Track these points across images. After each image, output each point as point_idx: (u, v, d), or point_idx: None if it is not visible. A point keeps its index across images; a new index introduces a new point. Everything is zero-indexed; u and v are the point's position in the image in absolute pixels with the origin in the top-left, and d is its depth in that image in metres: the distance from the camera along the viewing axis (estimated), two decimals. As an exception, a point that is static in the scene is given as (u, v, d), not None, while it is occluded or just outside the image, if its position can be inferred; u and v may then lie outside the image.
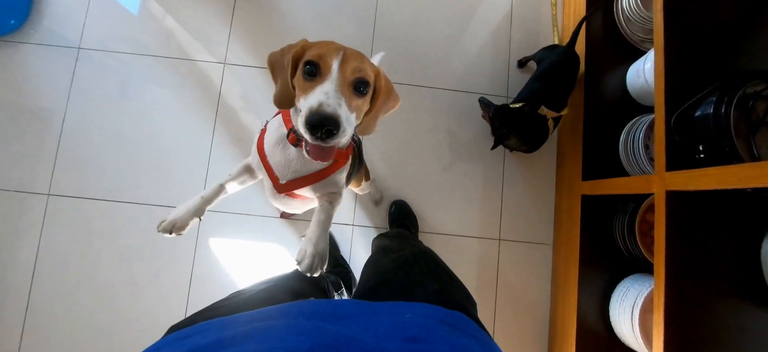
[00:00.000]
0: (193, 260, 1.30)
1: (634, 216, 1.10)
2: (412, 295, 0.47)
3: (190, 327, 0.36)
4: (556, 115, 1.12)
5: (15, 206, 1.30)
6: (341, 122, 0.51)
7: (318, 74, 0.55)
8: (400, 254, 0.62)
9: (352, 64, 0.55)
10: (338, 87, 0.53)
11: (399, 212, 1.28)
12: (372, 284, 0.56)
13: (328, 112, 0.50)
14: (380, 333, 0.32)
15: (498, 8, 1.47)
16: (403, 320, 0.34)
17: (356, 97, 0.56)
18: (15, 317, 1.25)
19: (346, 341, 0.29)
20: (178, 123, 1.36)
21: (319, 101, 0.51)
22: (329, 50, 0.56)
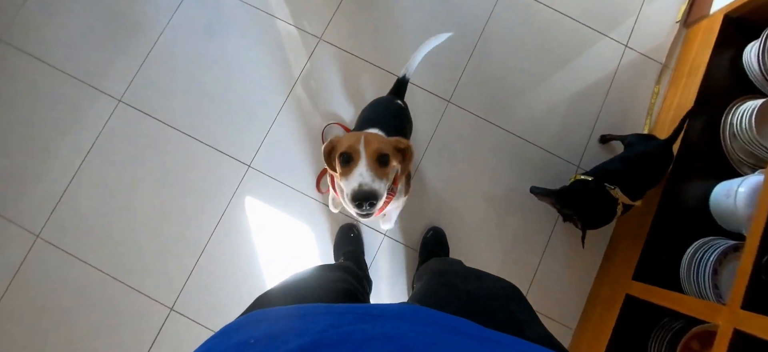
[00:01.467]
0: (225, 209, 1.32)
1: (679, 337, 1.03)
2: (522, 332, 0.41)
3: (240, 317, 0.34)
4: (629, 204, 1.06)
5: (85, 98, 1.37)
6: (378, 194, 0.70)
7: (351, 161, 0.73)
8: (495, 283, 0.55)
9: (373, 146, 0.73)
10: (368, 166, 0.71)
11: (435, 239, 1.25)
12: (462, 307, 0.48)
13: (367, 190, 0.68)
14: None
15: (599, 77, 1.42)
16: None
17: (382, 168, 0.73)
18: (48, 200, 1.31)
19: None
20: (255, 78, 1.40)
21: (359, 183, 0.69)
22: (355, 141, 0.73)
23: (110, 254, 1.28)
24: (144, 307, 1.26)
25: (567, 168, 1.36)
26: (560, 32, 1.44)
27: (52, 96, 1.37)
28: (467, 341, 0.29)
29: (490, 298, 0.49)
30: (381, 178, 0.72)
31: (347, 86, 1.40)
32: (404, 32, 1.43)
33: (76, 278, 1.27)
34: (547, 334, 0.42)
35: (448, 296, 0.53)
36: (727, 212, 1.09)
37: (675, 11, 1.46)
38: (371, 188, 0.68)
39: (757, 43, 1.17)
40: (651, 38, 1.45)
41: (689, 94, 1.25)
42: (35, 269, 1.28)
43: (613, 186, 1.04)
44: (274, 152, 1.36)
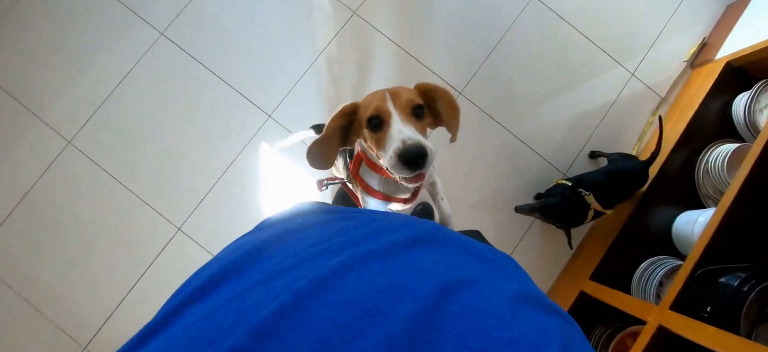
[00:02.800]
0: (239, 152, 1.45)
1: (616, 334, 1.17)
2: None
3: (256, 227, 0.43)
4: (601, 211, 1.19)
5: (128, 25, 1.48)
6: (426, 148, 0.59)
7: (382, 123, 0.63)
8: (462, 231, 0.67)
9: (403, 98, 0.63)
10: (404, 122, 0.61)
11: (424, 214, 1.39)
12: None
13: (413, 145, 0.58)
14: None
15: (601, 98, 1.53)
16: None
17: (419, 121, 0.64)
18: (83, 111, 1.44)
19: None
20: (289, 38, 1.50)
21: (401, 140, 0.59)
22: (380, 98, 0.64)
23: (132, 169, 1.43)
24: (154, 223, 1.41)
25: (554, 174, 1.48)
26: (577, 50, 1.54)
27: (100, 15, 1.49)
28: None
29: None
30: (422, 132, 0.64)
31: (372, 64, 1.52)
32: (436, 22, 1.53)
33: (98, 186, 1.42)
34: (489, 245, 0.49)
35: None
36: (684, 237, 1.22)
37: (685, 52, 1.55)
38: (416, 141, 0.58)
39: (748, 94, 1.28)
40: (657, 72, 1.54)
41: (678, 128, 1.35)
42: (63, 170, 1.43)
43: (588, 193, 1.17)
44: (294, 109, 1.49)
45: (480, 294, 0.26)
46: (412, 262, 0.29)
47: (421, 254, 0.31)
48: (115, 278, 1.40)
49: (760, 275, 0.84)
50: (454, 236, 0.37)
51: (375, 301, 0.23)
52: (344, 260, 0.27)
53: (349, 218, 0.39)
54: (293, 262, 0.28)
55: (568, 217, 1.21)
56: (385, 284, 0.25)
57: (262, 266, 0.28)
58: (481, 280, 0.28)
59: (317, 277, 0.24)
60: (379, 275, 0.26)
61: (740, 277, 0.85)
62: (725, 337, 0.76)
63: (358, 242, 0.30)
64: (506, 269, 0.35)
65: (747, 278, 0.84)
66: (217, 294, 0.26)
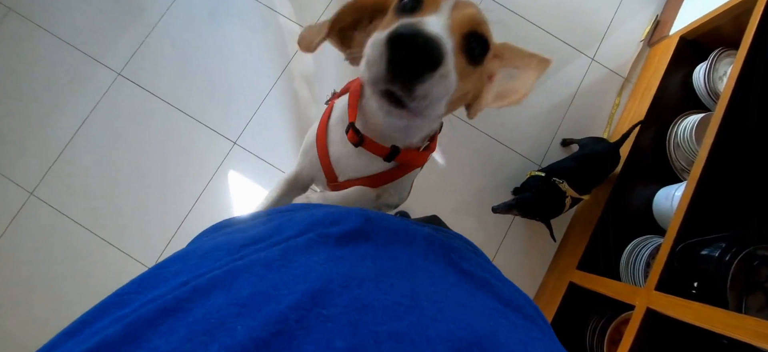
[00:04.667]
0: (208, 182, 1.41)
1: (610, 322, 1.12)
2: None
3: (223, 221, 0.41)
4: (577, 197, 1.16)
5: (85, 69, 1.46)
6: (445, 52, 0.31)
7: (419, 9, 0.38)
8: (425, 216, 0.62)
9: (469, 10, 0.38)
10: (447, 28, 0.35)
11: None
12: None
13: (427, 32, 0.30)
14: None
15: (566, 86, 1.53)
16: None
17: (465, 61, 0.38)
18: (45, 158, 1.39)
19: None
20: (247, 64, 1.50)
21: (416, 20, 0.33)
22: None
23: (94, 209, 1.37)
24: (124, 265, 1.34)
25: (529, 166, 1.46)
26: (534, 43, 1.55)
27: (55, 65, 1.47)
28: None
29: (415, 223, 0.55)
30: (456, 72, 0.35)
31: (332, 80, 1.50)
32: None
33: (64, 234, 1.35)
34: (453, 233, 0.44)
35: None
36: (665, 213, 1.19)
37: (640, 31, 1.58)
38: (437, 34, 0.31)
39: (705, 64, 1.29)
40: (617, 55, 1.56)
41: (644, 106, 1.35)
42: (28, 223, 1.36)
43: (562, 180, 1.15)
44: (259, 132, 1.45)
45: (372, 291, 0.22)
46: (305, 263, 0.25)
47: (324, 254, 0.26)
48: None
49: (740, 243, 0.81)
50: (388, 226, 0.33)
51: (222, 317, 0.19)
52: (212, 276, 0.23)
53: (274, 218, 0.35)
54: (168, 283, 0.24)
55: (546, 208, 1.18)
56: (250, 293, 0.21)
57: (147, 293, 0.25)
58: (385, 274, 0.24)
59: (167, 301, 0.21)
60: (250, 285, 0.22)
61: (721, 247, 0.82)
62: (714, 312, 0.72)
63: (249, 247, 0.27)
64: (428, 254, 0.31)
65: (727, 247, 0.81)
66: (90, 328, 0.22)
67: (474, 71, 0.40)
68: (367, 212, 0.33)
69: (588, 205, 1.29)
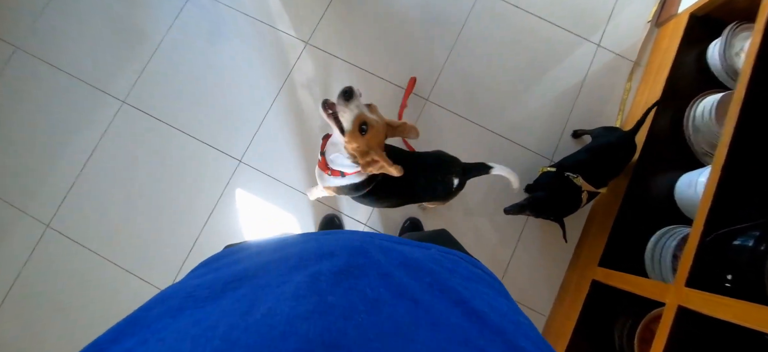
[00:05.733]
0: (216, 201, 1.41)
1: (639, 320, 1.06)
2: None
3: (221, 251, 0.40)
4: (594, 191, 1.12)
5: (90, 99, 1.48)
6: (355, 95, 0.78)
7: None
8: (430, 232, 0.62)
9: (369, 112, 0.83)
10: (357, 108, 0.80)
11: (412, 228, 1.32)
12: None
13: (353, 87, 0.79)
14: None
15: (572, 75, 1.48)
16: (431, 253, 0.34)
17: (358, 132, 0.81)
18: (58, 190, 1.42)
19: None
20: (247, 81, 1.50)
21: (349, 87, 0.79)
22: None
23: (108, 237, 1.39)
24: (141, 290, 1.35)
25: (540, 162, 1.41)
26: (535, 34, 1.51)
27: (61, 98, 1.49)
28: (382, 242, 0.33)
29: (417, 238, 0.55)
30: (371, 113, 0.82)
31: (332, 87, 1.49)
32: (387, 35, 1.52)
33: (80, 263, 1.37)
34: (461, 248, 0.46)
35: None
36: (689, 201, 1.13)
37: (647, 12, 1.52)
38: (354, 90, 0.77)
39: (719, 41, 1.22)
40: (624, 38, 1.51)
41: (657, 89, 1.30)
42: (44, 255, 1.39)
43: (576, 175, 1.10)
44: (264, 148, 1.45)
45: None
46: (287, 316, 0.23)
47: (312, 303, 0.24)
48: None
49: (776, 228, 0.76)
50: (383, 256, 0.30)
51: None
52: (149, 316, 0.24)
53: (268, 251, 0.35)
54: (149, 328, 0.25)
55: (561, 206, 1.13)
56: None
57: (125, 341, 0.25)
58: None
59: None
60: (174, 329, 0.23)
61: (755, 235, 0.77)
62: (752, 309, 0.67)
63: (227, 293, 0.26)
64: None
65: (762, 236, 0.75)
66: None
67: (362, 138, 0.81)
68: (362, 244, 0.30)
69: (605, 198, 1.24)
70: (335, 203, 1.41)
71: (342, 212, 1.40)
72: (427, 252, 0.33)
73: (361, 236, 0.34)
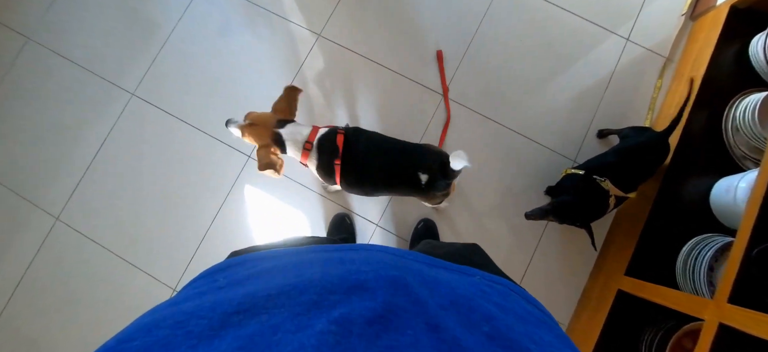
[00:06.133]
0: (225, 197, 1.38)
1: (670, 335, 0.99)
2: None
3: (224, 261, 0.36)
4: (622, 196, 1.04)
5: (100, 91, 1.47)
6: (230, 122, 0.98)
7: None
8: (460, 245, 0.57)
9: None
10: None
11: (425, 230, 1.27)
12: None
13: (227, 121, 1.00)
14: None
15: (598, 71, 1.39)
16: (475, 280, 0.30)
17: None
18: (68, 183, 1.41)
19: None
20: (257, 75, 1.46)
21: None
22: None
23: (119, 235, 1.38)
24: (148, 287, 1.34)
25: (562, 162, 1.34)
26: (559, 27, 1.43)
27: (71, 90, 1.48)
28: (413, 263, 0.29)
29: (452, 254, 0.51)
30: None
31: (343, 80, 1.44)
32: (403, 26, 1.46)
33: (89, 258, 1.36)
34: (498, 270, 0.42)
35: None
36: (727, 208, 1.05)
37: (681, 4, 1.42)
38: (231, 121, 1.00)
39: (764, 35, 1.13)
40: (654, 32, 1.41)
41: (693, 86, 1.21)
42: (54, 247, 1.38)
43: (603, 178, 1.03)
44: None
45: None
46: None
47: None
48: None
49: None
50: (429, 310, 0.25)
51: None
52: None
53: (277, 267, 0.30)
54: None
55: (587, 211, 1.06)
56: None
57: None
58: None
59: None
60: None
61: (810, 249, 0.69)
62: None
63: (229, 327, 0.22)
64: None
65: (819, 249, 0.68)
66: None
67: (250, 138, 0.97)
68: (400, 273, 0.25)
69: (634, 203, 1.16)
70: (346, 201, 1.37)
71: (353, 211, 1.36)
72: (472, 280, 0.28)
73: (395, 258, 0.29)
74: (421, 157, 0.92)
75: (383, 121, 1.40)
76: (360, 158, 0.92)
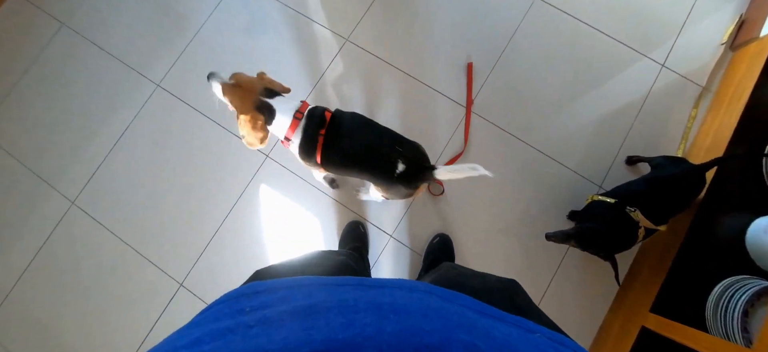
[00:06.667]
0: (240, 194, 1.38)
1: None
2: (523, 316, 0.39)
3: (240, 287, 0.33)
4: (652, 228, 0.99)
5: (127, 80, 1.49)
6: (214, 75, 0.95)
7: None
8: (497, 279, 0.53)
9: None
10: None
11: (441, 246, 1.23)
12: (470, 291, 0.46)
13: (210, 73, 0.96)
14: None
15: (630, 96, 1.35)
16: (534, 337, 0.28)
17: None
18: (86, 168, 1.43)
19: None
20: (282, 75, 1.43)
21: None
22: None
23: (132, 224, 1.38)
24: (156, 279, 1.33)
25: (587, 187, 1.29)
26: (592, 47, 1.39)
27: (99, 76, 1.50)
28: (466, 311, 0.27)
29: (491, 291, 0.48)
30: None
31: (367, 85, 1.43)
32: (433, 37, 1.44)
33: (100, 245, 1.37)
34: (548, 320, 0.40)
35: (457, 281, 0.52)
36: (764, 249, 0.99)
37: (720, 33, 1.37)
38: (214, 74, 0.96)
39: (812, 70, 1.07)
40: (692, 60, 1.36)
41: (730, 119, 1.15)
42: (66, 232, 1.39)
43: (634, 208, 0.98)
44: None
45: None
46: None
47: None
48: (124, 331, 1.31)
49: None
50: None
51: None
52: None
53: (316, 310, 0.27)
54: None
55: (613, 242, 1.01)
56: None
57: None
58: None
59: None
60: None
61: None
62: None
63: None
64: None
65: None
66: None
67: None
68: (470, 339, 0.22)
69: (663, 237, 1.11)
70: (361, 209, 1.34)
71: (368, 220, 1.33)
72: (532, 338, 0.25)
73: (445, 304, 0.26)
74: (404, 147, 0.91)
75: (404, 128, 1.38)
76: (345, 131, 0.93)
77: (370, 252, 1.29)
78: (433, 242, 1.25)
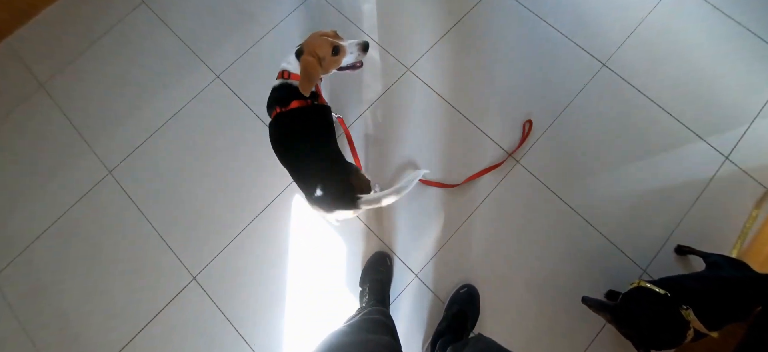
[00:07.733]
0: (270, 202, 1.36)
1: None
2: None
3: None
4: (703, 332, 0.92)
5: (188, 65, 1.53)
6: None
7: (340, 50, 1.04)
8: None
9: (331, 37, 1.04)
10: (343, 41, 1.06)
11: (467, 298, 1.18)
12: None
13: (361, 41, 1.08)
14: None
15: (688, 183, 1.30)
16: None
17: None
18: (130, 142, 1.45)
19: None
20: (340, 90, 1.47)
21: (355, 42, 1.07)
22: (327, 41, 1.04)
23: (161, 207, 1.38)
24: (170, 267, 1.31)
25: (630, 268, 1.22)
26: (653, 123, 1.36)
27: (163, 55, 1.56)
28: None
29: None
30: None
31: (420, 119, 1.43)
32: (495, 85, 1.45)
33: (126, 219, 1.37)
34: None
35: None
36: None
37: (793, 133, 1.31)
38: (362, 41, 1.07)
39: None
40: (758, 156, 1.30)
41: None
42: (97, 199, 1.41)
43: (687, 307, 0.91)
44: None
45: None
46: None
47: None
48: (131, 312, 1.29)
49: None
50: None
51: None
52: None
53: None
54: None
55: (655, 335, 0.94)
56: None
57: None
58: None
59: None
60: None
61: None
62: None
63: None
64: None
65: None
66: None
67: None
68: None
69: (713, 343, 1.02)
70: (391, 240, 1.31)
71: (395, 254, 1.30)
72: None
73: None
74: (333, 175, 0.99)
75: (439, 156, 1.38)
76: (291, 130, 1.02)
77: (393, 288, 1.25)
78: (461, 292, 1.20)
